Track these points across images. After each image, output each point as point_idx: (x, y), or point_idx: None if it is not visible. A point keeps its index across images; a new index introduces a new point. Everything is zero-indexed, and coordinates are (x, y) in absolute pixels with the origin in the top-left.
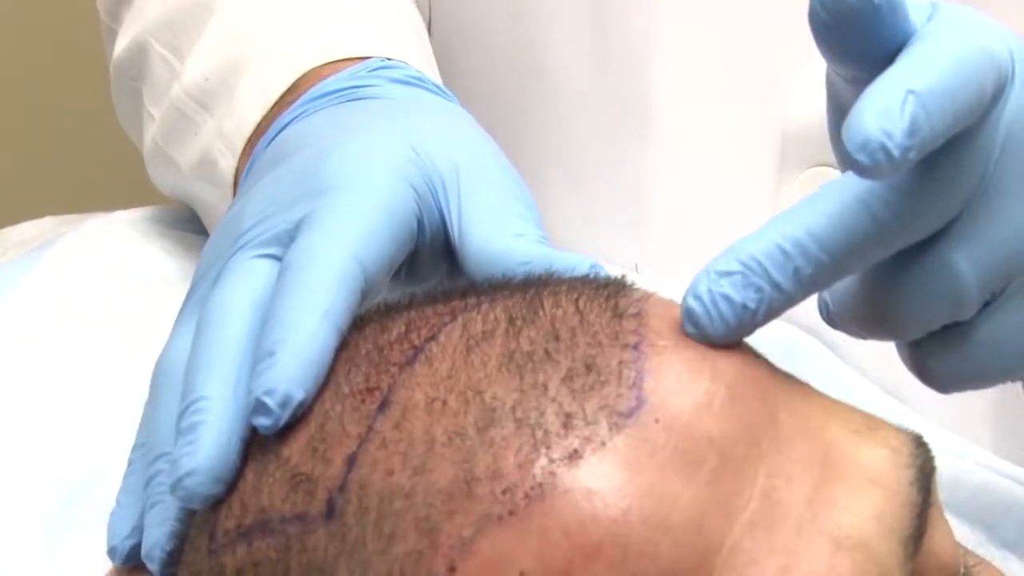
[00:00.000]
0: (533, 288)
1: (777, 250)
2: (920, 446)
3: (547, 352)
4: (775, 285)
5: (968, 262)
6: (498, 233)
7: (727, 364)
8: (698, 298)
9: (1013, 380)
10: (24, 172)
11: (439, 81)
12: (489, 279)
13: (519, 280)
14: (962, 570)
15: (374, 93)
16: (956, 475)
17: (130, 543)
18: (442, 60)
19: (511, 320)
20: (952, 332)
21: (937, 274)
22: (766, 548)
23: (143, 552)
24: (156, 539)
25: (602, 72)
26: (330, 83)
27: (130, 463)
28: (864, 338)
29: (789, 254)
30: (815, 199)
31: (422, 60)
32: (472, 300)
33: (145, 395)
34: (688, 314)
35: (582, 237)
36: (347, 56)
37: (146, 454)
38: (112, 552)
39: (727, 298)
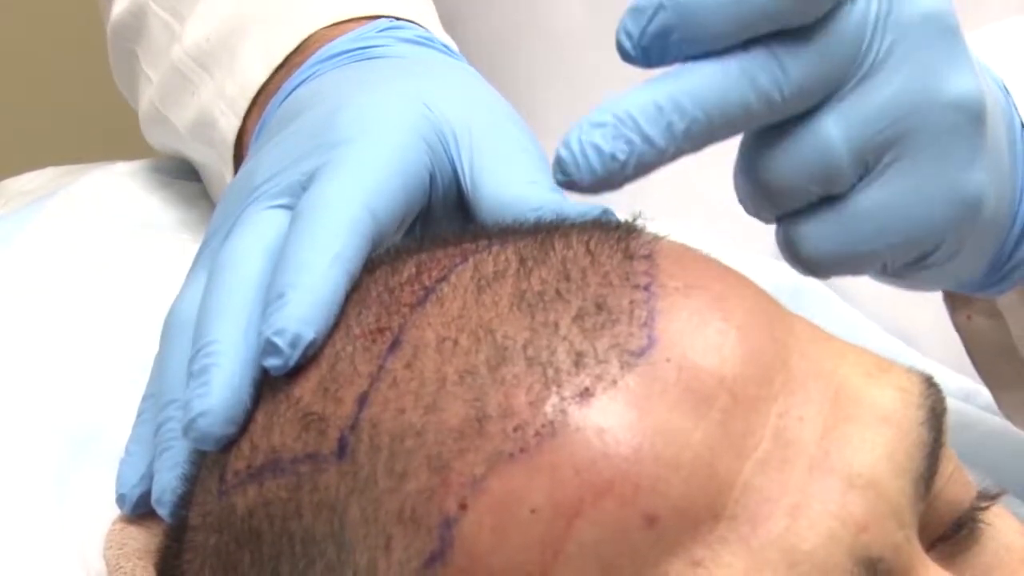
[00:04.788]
0: (544, 231)
1: (651, 105)
2: (931, 387)
3: (558, 292)
4: (646, 138)
5: (840, 130)
6: (510, 181)
7: (738, 305)
8: (567, 146)
9: (881, 263)
10: (25, 122)
11: (446, 39)
12: (500, 223)
13: (530, 224)
14: (967, 504)
15: (384, 53)
16: (962, 420)
17: (139, 491)
18: (442, 10)
19: (522, 261)
20: (825, 205)
21: (808, 141)
22: (778, 487)
23: (153, 497)
24: (167, 483)
25: (601, 17)
26: (339, 44)
27: (140, 413)
28: (758, 218)
29: (663, 109)
30: (695, 64)
31: (428, 19)
32: (483, 242)
33: (150, 344)
34: (558, 162)
35: None
36: (354, 16)
37: (156, 403)
38: (121, 500)
39: (596, 147)
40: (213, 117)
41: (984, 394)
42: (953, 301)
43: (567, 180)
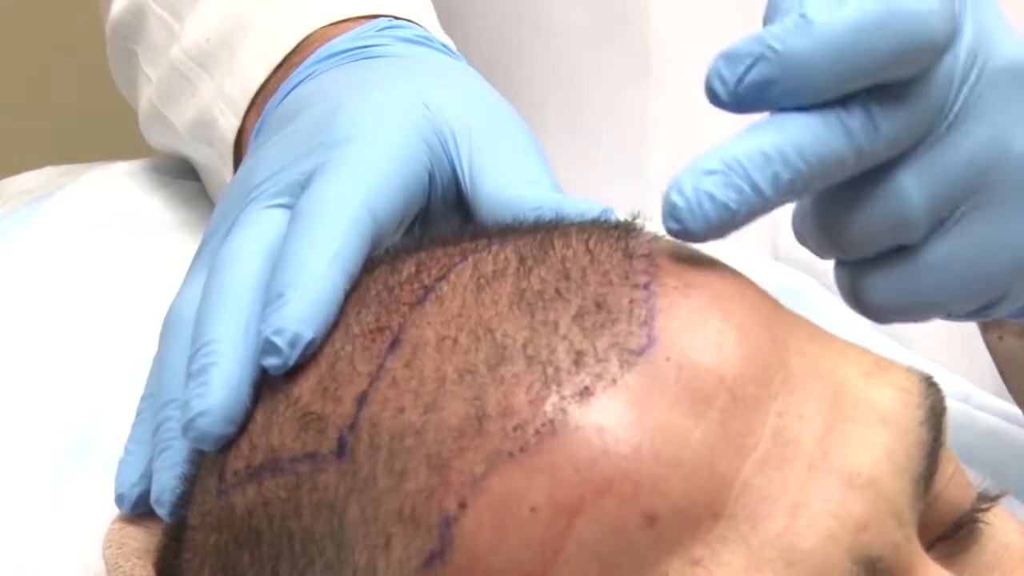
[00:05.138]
0: (544, 230)
1: (759, 154)
2: (930, 386)
3: (558, 291)
4: (755, 188)
5: (919, 185)
6: (510, 181)
7: (738, 304)
8: (681, 193)
9: (945, 312)
10: (24, 122)
11: (445, 39)
12: (500, 222)
13: (530, 223)
14: (968, 505)
15: (384, 52)
16: (961, 421)
17: (138, 490)
18: (441, 10)
19: (522, 260)
20: (894, 255)
21: (887, 195)
22: (778, 486)
23: (152, 497)
24: (166, 483)
25: (600, 16)
26: (338, 43)
27: (139, 413)
28: (821, 256)
29: (770, 158)
30: (795, 115)
31: (427, 18)
32: (483, 241)
33: (149, 343)
34: (672, 209)
35: (583, 185)
36: (353, 15)
37: (155, 402)
38: (120, 500)
39: (711, 196)
40: (213, 117)
41: (982, 395)
42: (985, 321)
43: (681, 228)
